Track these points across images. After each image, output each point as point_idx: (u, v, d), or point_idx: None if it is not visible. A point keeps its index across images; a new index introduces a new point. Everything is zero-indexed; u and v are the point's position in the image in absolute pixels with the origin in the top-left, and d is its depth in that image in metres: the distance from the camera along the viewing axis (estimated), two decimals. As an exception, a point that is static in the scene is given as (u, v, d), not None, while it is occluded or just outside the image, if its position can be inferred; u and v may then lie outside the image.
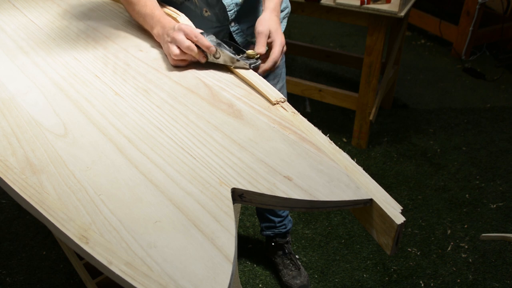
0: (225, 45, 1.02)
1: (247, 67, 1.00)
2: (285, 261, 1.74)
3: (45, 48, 1.12)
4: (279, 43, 1.06)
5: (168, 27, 1.06)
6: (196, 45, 1.01)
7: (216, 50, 1.01)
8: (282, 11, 1.34)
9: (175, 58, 1.02)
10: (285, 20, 1.37)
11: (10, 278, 1.73)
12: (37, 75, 1.01)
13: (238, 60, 1.00)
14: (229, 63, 1.01)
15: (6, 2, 1.42)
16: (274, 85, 1.41)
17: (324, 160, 0.75)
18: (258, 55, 1.03)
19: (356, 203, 0.69)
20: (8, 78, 1.00)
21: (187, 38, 1.00)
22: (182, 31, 1.01)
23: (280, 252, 1.76)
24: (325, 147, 0.78)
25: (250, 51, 1.02)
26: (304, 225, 1.97)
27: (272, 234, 1.74)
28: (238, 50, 1.04)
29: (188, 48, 1.00)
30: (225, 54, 1.00)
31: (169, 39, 1.03)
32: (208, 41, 1.01)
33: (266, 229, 1.74)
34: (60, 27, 1.24)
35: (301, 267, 1.74)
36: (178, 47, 1.00)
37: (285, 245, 1.76)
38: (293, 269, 1.72)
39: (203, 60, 1.02)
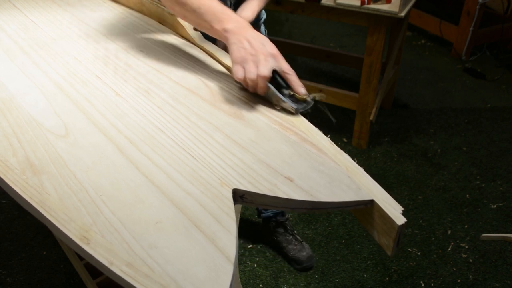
0: (276, 77, 0.87)
1: (293, 111, 0.86)
2: (287, 237, 1.80)
3: (45, 48, 1.12)
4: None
5: (250, 32, 0.89)
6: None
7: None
8: (260, 19, 1.35)
9: (247, 81, 0.87)
10: (263, 25, 1.38)
11: (10, 278, 1.73)
12: (37, 75, 1.01)
13: (284, 101, 0.86)
14: (273, 101, 0.88)
15: (6, 2, 1.42)
16: None
17: (325, 161, 0.75)
18: (306, 98, 0.87)
19: (357, 204, 0.69)
20: (8, 78, 1.00)
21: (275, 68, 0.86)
22: (273, 59, 0.86)
23: (281, 230, 1.81)
24: (326, 148, 0.78)
25: (301, 93, 0.86)
26: (305, 225, 1.97)
27: (271, 215, 1.80)
28: (286, 84, 0.89)
29: (264, 78, 0.85)
30: (271, 91, 0.87)
31: (252, 52, 0.86)
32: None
33: (265, 210, 1.78)
34: (60, 27, 1.24)
35: (303, 240, 1.81)
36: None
37: (286, 222, 1.82)
38: (296, 243, 1.80)
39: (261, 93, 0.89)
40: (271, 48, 0.88)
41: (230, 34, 0.90)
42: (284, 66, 0.87)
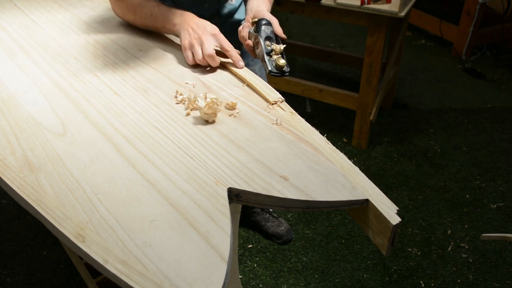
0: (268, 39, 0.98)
1: (266, 71, 0.97)
2: (264, 216, 1.90)
3: (45, 48, 1.13)
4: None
5: (193, 20, 1.03)
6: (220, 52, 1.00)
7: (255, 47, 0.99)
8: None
9: (197, 62, 1.01)
10: None
11: (10, 278, 1.73)
12: (37, 74, 1.01)
13: (265, 61, 0.97)
14: (259, 57, 0.99)
15: (8, 1, 1.42)
16: (255, 64, 1.44)
17: (320, 160, 0.75)
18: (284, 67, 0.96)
19: (352, 203, 0.69)
20: (8, 77, 1.00)
21: (217, 46, 1.00)
22: (214, 38, 1.00)
23: (258, 210, 1.89)
24: (322, 147, 0.78)
25: (279, 60, 0.96)
26: (305, 225, 1.97)
27: None
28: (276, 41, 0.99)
29: (210, 57, 0.98)
30: (260, 49, 0.98)
31: (195, 36, 1.00)
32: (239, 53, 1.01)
33: None
34: (61, 26, 1.24)
35: (279, 216, 1.92)
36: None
37: None
38: (274, 220, 1.90)
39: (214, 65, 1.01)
40: (212, 29, 1.02)
41: (178, 27, 1.05)
42: (224, 43, 1.00)
